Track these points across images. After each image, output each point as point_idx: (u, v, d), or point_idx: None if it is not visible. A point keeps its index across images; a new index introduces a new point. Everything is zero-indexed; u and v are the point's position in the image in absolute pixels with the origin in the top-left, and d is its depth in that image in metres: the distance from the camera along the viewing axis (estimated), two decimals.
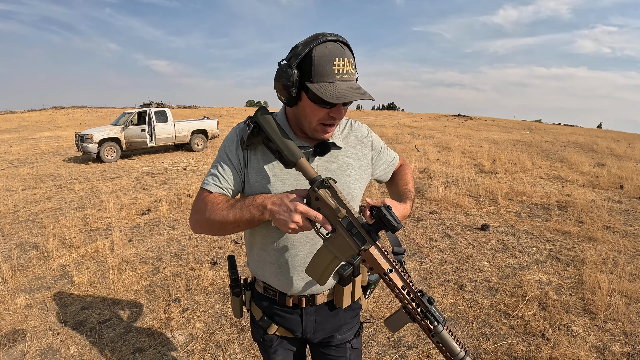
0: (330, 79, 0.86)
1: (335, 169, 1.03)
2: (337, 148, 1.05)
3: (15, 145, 13.30)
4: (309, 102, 0.90)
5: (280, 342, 1.16)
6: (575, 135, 18.33)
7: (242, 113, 35.62)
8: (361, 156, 1.09)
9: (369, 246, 0.83)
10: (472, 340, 2.43)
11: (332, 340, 1.15)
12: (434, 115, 35.05)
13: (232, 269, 1.19)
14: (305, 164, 0.89)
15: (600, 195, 6.24)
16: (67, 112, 33.74)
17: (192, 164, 9.39)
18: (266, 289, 1.12)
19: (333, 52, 0.86)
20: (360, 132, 1.11)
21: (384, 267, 0.82)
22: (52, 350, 2.35)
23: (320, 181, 0.86)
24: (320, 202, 0.85)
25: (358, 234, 0.83)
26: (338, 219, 0.84)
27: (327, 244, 0.88)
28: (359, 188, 1.08)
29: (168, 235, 4.29)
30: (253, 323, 1.20)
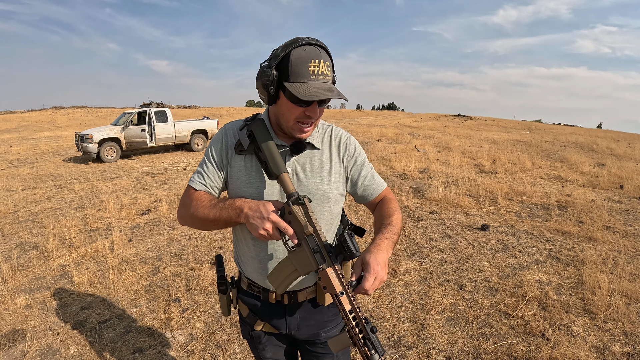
0: (305, 79, 0.90)
1: (312, 169, 1.06)
2: (315, 149, 1.08)
3: (15, 145, 13.30)
4: (285, 101, 0.94)
5: (269, 339, 1.18)
6: (575, 135, 18.33)
7: (242, 113, 35.62)
8: (336, 160, 1.11)
9: (327, 267, 0.87)
10: (472, 340, 2.43)
11: (318, 338, 1.16)
12: (434, 115, 35.05)
13: (219, 267, 1.21)
14: (286, 178, 0.96)
15: (600, 195, 6.24)
16: (67, 112, 33.74)
17: (192, 164, 9.39)
18: (250, 285, 1.14)
19: (309, 54, 0.90)
20: (341, 139, 1.13)
21: (336, 289, 0.85)
22: (52, 350, 2.35)
23: (295, 197, 0.92)
24: (292, 217, 0.91)
25: (319, 253, 0.89)
26: (304, 236, 0.90)
27: (290, 256, 0.93)
28: (333, 191, 1.08)
29: (168, 235, 4.29)
30: (241, 320, 1.22)
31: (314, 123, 1.01)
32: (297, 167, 1.06)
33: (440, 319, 2.66)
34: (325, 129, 1.14)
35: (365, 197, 1.16)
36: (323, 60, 0.92)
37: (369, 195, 1.16)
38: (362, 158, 1.15)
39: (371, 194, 1.15)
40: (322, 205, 1.07)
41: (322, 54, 0.92)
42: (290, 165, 1.04)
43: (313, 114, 0.95)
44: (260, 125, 1.02)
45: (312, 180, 1.06)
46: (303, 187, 1.05)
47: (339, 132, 1.15)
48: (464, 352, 2.32)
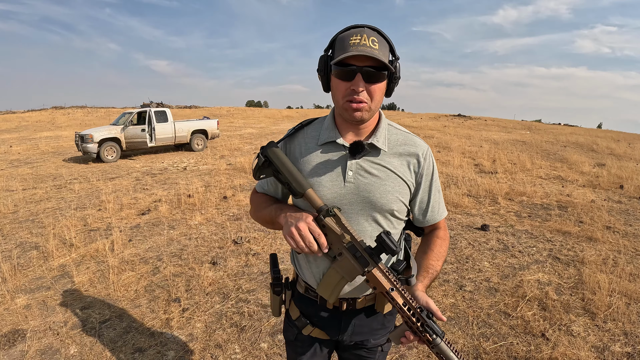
0: (345, 50, 0.89)
1: (374, 176, 0.99)
2: (377, 151, 1.01)
3: (15, 145, 13.30)
4: (334, 80, 0.95)
5: (312, 344, 1.16)
6: (575, 135, 18.33)
7: (242, 113, 35.60)
8: (405, 172, 1.02)
9: (372, 268, 0.90)
10: (472, 340, 2.43)
11: (365, 344, 1.14)
12: (434, 115, 35.05)
13: (274, 267, 1.19)
14: (312, 194, 0.95)
15: (600, 195, 6.24)
16: (67, 112, 33.73)
17: (192, 164, 9.39)
18: (307, 289, 1.12)
19: (352, 31, 0.92)
20: (414, 147, 1.03)
21: (386, 287, 0.89)
22: (52, 350, 2.35)
23: (326, 210, 0.92)
24: (327, 229, 0.93)
25: (362, 257, 0.90)
26: (343, 244, 0.91)
27: (334, 266, 0.95)
28: (396, 202, 1.01)
29: (168, 235, 4.29)
30: (288, 322, 1.20)
31: (368, 104, 0.93)
32: (359, 170, 0.99)
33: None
34: (399, 135, 1.05)
35: (420, 221, 1.09)
36: (367, 35, 0.90)
37: (424, 221, 1.09)
38: (434, 179, 1.07)
39: (428, 220, 1.09)
40: (382, 215, 1.01)
41: (366, 30, 0.91)
42: (351, 167, 0.99)
43: (356, 86, 0.90)
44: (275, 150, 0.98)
45: (376, 187, 0.98)
46: (364, 193, 0.98)
47: (417, 141, 1.05)
48: (464, 352, 2.31)
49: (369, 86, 0.91)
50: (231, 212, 5.21)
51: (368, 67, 0.89)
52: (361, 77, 0.90)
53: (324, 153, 1.03)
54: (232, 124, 23.58)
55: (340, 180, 0.99)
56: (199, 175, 7.80)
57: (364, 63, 0.89)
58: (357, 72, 0.89)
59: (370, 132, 1.03)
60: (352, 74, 0.90)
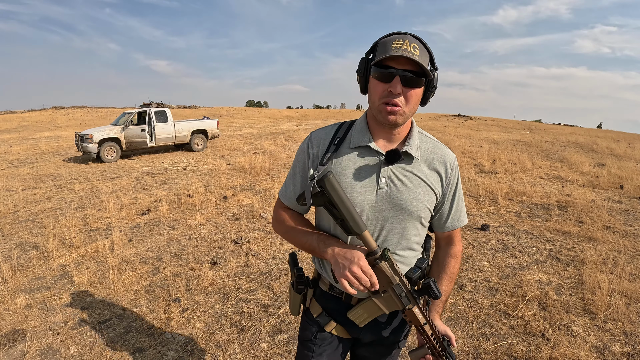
0: (387, 53, 0.91)
1: (406, 183, 1.01)
2: (410, 159, 1.02)
3: (15, 145, 13.30)
4: (372, 81, 0.96)
5: (331, 342, 1.16)
6: (575, 135, 18.33)
7: (242, 113, 35.61)
8: (434, 180, 1.04)
9: (413, 306, 1.00)
10: (472, 340, 2.43)
11: (383, 341, 1.15)
12: (434, 115, 35.05)
13: (295, 266, 1.19)
14: (368, 236, 0.95)
15: (600, 195, 6.24)
16: (67, 112, 33.74)
17: (192, 164, 9.39)
18: (332, 287, 1.12)
19: (395, 37, 0.94)
20: (443, 157, 1.06)
21: (421, 322, 1.01)
22: (52, 350, 2.35)
23: (381, 254, 0.94)
24: (377, 270, 0.96)
25: (405, 297, 0.99)
26: (391, 285, 0.97)
27: (376, 298, 1.00)
28: (425, 210, 1.03)
29: (168, 235, 4.29)
30: (307, 319, 1.19)
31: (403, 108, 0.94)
32: (395, 179, 1.01)
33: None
34: (429, 143, 1.08)
35: (441, 227, 1.14)
36: (409, 41, 0.91)
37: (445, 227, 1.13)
38: (459, 188, 1.10)
39: (448, 227, 1.13)
40: (411, 222, 1.03)
41: (408, 37, 0.93)
42: (384, 174, 1.00)
43: (394, 89, 0.91)
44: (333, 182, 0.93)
45: (407, 195, 1.00)
46: (396, 200, 1.00)
47: (446, 151, 1.08)
48: (464, 352, 2.31)
49: (406, 90, 0.93)
50: (231, 212, 5.21)
51: (407, 70, 0.91)
52: (399, 80, 0.91)
53: (359, 157, 1.03)
54: (232, 124, 23.58)
55: (374, 186, 1.00)
56: (199, 175, 7.80)
57: (403, 67, 0.91)
58: (396, 75, 0.91)
59: (404, 139, 1.05)
60: (391, 76, 0.91)
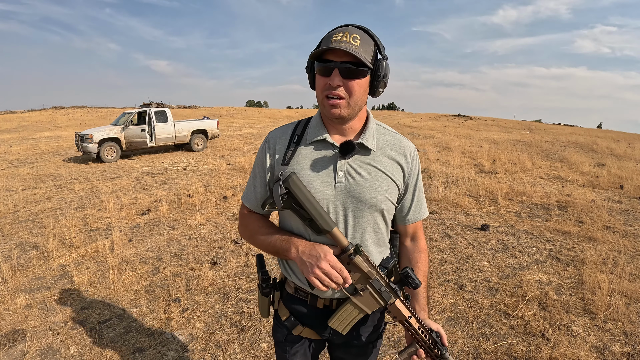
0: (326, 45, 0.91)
1: (365, 176, 1.00)
2: (367, 152, 1.01)
3: (15, 145, 13.30)
4: (316, 76, 0.96)
5: (303, 344, 1.16)
6: (575, 135, 18.33)
7: (242, 113, 35.60)
8: (394, 171, 1.03)
9: (395, 300, 0.98)
10: (472, 340, 2.43)
11: (357, 341, 1.14)
12: (434, 115, 35.05)
13: (262, 269, 1.16)
14: (338, 233, 0.94)
15: (600, 195, 6.24)
16: (67, 112, 33.73)
17: (192, 164, 9.39)
18: (297, 290, 1.11)
19: (337, 30, 0.93)
20: (402, 148, 1.05)
21: (405, 315, 0.99)
22: (52, 350, 2.35)
23: (354, 249, 0.94)
24: (352, 267, 0.95)
25: (386, 292, 0.97)
26: (369, 281, 0.96)
27: (354, 300, 0.98)
28: (386, 202, 1.02)
29: (168, 235, 4.29)
30: (277, 322, 1.19)
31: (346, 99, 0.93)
32: (352, 172, 0.99)
33: (440, 319, 2.66)
34: (388, 135, 1.06)
35: (404, 220, 1.12)
36: (349, 32, 0.91)
37: (408, 219, 1.12)
38: (419, 179, 1.10)
39: (410, 219, 1.12)
40: (373, 215, 1.01)
41: (349, 28, 0.92)
42: (341, 168, 0.99)
43: (332, 81, 0.90)
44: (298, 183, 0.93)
45: (366, 187, 0.99)
46: (355, 193, 0.99)
47: (404, 142, 1.07)
48: (464, 352, 2.32)
49: (347, 82, 0.91)
50: (231, 212, 5.21)
51: (346, 62, 0.90)
52: (338, 72, 0.90)
53: (315, 152, 1.02)
54: (232, 124, 23.58)
55: (331, 181, 0.99)
56: (199, 175, 7.80)
57: (342, 59, 0.90)
58: (334, 68, 0.90)
59: (359, 132, 1.04)
60: (330, 69, 0.91)
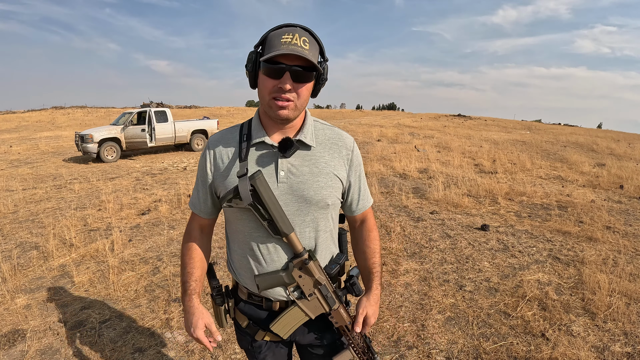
0: (276, 49, 0.89)
1: (307, 173, 1.00)
2: (306, 147, 1.02)
3: (15, 145, 13.30)
4: (261, 77, 0.94)
5: (269, 347, 1.15)
6: (575, 135, 18.33)
7: (242, 113, 35.61)
8: (336, 165, 1.04)
9: (338, 306, 1.03)
10: (472, 340, 2.43)
11: (322, 340, 1.13)
12: (434, 115, 35.05)
13: (212, 279, 1.12)
14: (294, 237, 0.97)
15: (600, 195, 6.24)
16: (67, 112, 33.73)
17: (192, 164, 9.39)
18: (250, 295, 1.10)
19: (284, 30, 0.92)
20: (342, 141, 1.07)
21: (346, 321, 1.05)
22: (52, 350, 2.35)
23: (308, 254, 0.99)
24: (305, 271, 0.99)
25: (331, 297, 1.02)
26: (318, 287, 1.00)
27: (300, 305, 1.02)
28: (331, 197, 1.03)
29: (168, 235, 4.29)
30: (239, 331, 1.17)
31: (295, 102, 0.94)
32: (291, 168, 0.99)
33: (440, 319, 2.66)
34: (326, 130, 1.07)
35: (353, 211, 1.14)
36: (299, 34, 0.90)
37: (357, 209, 1.14)
38: (362, 169, 1.13)
39: (360, 209, 1.14)
40: (319, 212, 1.02)
41: (298, 30, 0.91)
42: (282, 167, 0.98)
43: (284, 85, 0.90)
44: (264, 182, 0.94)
45: (310, 184, 0.99)
46: (299, 191, 0.98)
47: (343, 135, 1.09)
48: (464, 352, 2.32)
49: (296, 85, 0.92)
50: None
51: (297, 66, 0.90)
52: (289, 75, 0.90)
53: (256, 152, 1.01)
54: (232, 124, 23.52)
55: (273, 181, 0.98)
56: None
57: (293, 62, 0.90)
58: (285, 71, 0.90)
59: (298, 130, 1.04)
60: (281, 72, 0.90)
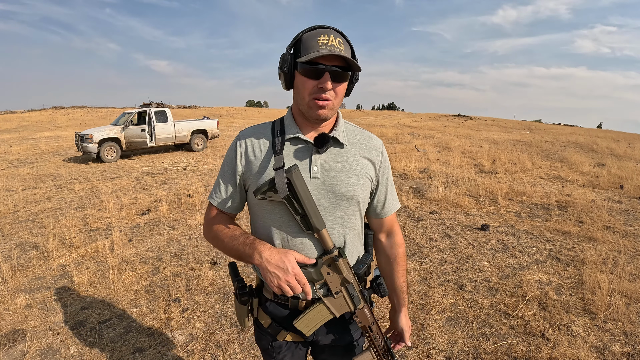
0: (314, 50, 0.92)
1: (339, 169, 1.02)
2: (339, 145, 1.04)
3: (15, 145, 13.30)
4: (300, 77, 0.96)
5: (289, 348, 1.15)
6: (575, 135, 18.33)
7: (242, 113, 35.61)
8: (367, 164, 1.06)
9: (363, 306, 1.03)
10: (472, 340, 2.43)
11: (341, 342, 1.14)
12: (434, 115, 35.06)
13: (236, 277, 1.12)
14: (326, 234, 0.97)
15: (600, 195, 6.24)
16: (67, 112, 33.73)
17: (192, 164, 9.39)
18: (276, 294, 1.08)
19: (319, 32, 0.95)
20: (372, 142, 1.09)
21: (370, 322, 1.04)
22: (52, 350, 2.35)
23: (338, 252, 0.97)
24: (333, 268, 0.98)
25: (357, 296, 1.01)
26: (345, 285, 0.99)
27: (325, 302, 1.00)
28: (361, 194, 1.04)
29: (168, 235, 4.29)
30: (260, 330, 1.16)
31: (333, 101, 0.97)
32: (324, 164, 1.01)
33: (440, 319, 2.66)
34: (357, 131, 1.10)
35: (378, 214, 1.14)
36: (334, 36, 0.93)
37: (382, 212, 1.14)
38: (389, 172, 1.13)
39: (385, 212, 1.14)
40: (350, 209, 1.03)
41: (332, 32, 0.95)
42: (316, 163, 1.00)
43: (325, 85, 0.93)
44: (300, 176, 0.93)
45: (342, 179, 1.01)
46: (330, 187, 1.00)
47: (373, 138, 1.11)
48: (464, 352, 2.32)
49: (335, 85, 0.95)
50: None
51: (335, 66, 0.93)
52: (329, 76, 0.93)
53: (291, 146, 1.03)
54: (232, 124, 23.58)
55: (306, 176, 0.99)
56: (199, 175, 7.80)
57: (332, 62, 0.92)
58: (325, 71, 0.92)
59: (330, 129, 1.06)
60: (321, 72, 0.92)
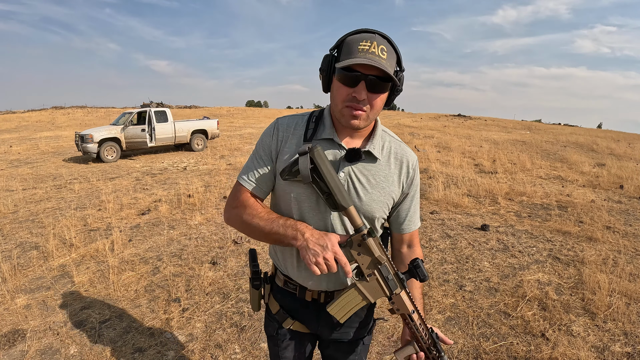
0: (354, 56, 0.87)
1: (364, 182, 0.99)
2: (373, 160, 1.01)
3: (15, 145, 13.29)
4: (336, 83, 0.92)
5: (293, 337, 1.17)
6: (575, 135, 18.33)
7: (242, 113, 35.60)
8: (394, 181, 1.03)
9: (400, 291, 0.94)
10: (472, 340, 2.43)
11: (345, 338, 1.14)
12: (433, 115, 35.06)
13: (253, 262, 1.18)
14: (354, 212, 0.91)
15: (600, 195, 6.24)
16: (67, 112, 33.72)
17: (192, 164, 9.39)
18: (286, 282, 1.11)
19: (363, 36, 0.89)
20: (406, 157, 1.05)
21: (409, 309, 0.95)
22: (52, 350, 2.35)
23: (369, 230, 0.91)
24: (363, 249, 0.91)
25: (392, 280, 0.93)
26: (378, 266, 0.92)
27: (358, 286, 0.94)
28: (379, 211, 1.02)
29: (168, 235, 4.29)
30: (268, 316, 1.20)
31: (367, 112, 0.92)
32: (354, 177, 0.98)
33: (440, 319, 2.66)
34: (393, 143, 1.06)
35: (395, 228, 1.12)
36: (377, 42, 0.87)
37: (401, 229, 1.11)
38: (417, 190, 1.10)
39: (404, 229, 1.11)
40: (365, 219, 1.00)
41: (377, 38, 0.88)
42: (343, 169, 0.97)
43: (358, 94, 0.88)
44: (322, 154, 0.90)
45: (362, 195, 0.99)
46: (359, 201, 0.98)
47: (408, 152, 1.07)
48: (464, 352, 2.32)
49: (371, 95, 0.90)
50: None
51: (373, 76, 0.87)
52: (364, 85, 0.88)
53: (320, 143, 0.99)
54: (232, 124, 23.58)
55: None
56: (199, 175, 7.80)
57: (369, 71, 0.87)
58: (361, 80, 0.87)
59: (367, 137, 1.03)
60: (356, 80, 0.87)
